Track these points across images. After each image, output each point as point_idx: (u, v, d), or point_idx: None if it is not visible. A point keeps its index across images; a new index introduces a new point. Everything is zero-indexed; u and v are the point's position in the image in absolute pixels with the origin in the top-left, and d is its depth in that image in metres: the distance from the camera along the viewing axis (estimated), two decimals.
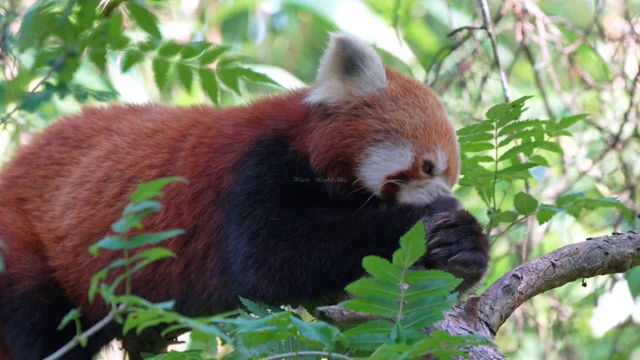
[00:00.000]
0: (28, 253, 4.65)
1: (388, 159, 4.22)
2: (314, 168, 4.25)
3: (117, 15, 3.54)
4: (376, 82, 4.30)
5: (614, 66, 7.13)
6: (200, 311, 4.39)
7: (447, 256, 4.05)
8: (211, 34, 10.23)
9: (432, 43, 10.00)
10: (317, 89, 4.34)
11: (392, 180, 4.20)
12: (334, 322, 3.74)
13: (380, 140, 4.23)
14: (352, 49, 4.28)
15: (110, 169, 4.62)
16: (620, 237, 4.35)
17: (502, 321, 4.11)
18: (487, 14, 5.98)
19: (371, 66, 4.30)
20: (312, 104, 4.32)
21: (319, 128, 4.27)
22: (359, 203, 4.20)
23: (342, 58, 4.30)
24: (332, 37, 4.31)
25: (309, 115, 4.33)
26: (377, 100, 4.29)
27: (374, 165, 4.22)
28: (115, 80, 8.59)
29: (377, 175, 4.21)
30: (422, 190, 4.23)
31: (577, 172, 7.36)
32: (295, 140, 4.31)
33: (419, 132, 4.25)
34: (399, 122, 4.25)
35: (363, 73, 4.29)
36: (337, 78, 4.30)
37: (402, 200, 4.22)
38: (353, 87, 4.29)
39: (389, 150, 4.23)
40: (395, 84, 4.34)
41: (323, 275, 4.09)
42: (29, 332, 4.56)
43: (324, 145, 4.24)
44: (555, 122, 4.65)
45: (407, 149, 4.23)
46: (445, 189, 4.25)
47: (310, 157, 4.26)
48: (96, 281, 3.32)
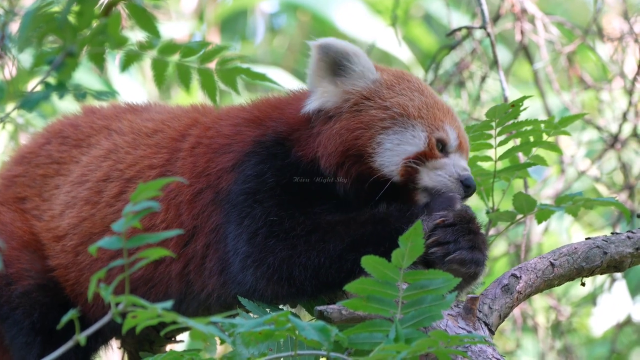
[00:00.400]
0: (27, 252, 4.66)
1: (401, 143, 4.23)
2: (325, 170, 4.26)
3: (116, 14, 3.54)
4: (367, 75, 4.32)
5: (612, 66, 7.13)
6: (199, 311, 4.39)
7: (445, 255, 4.06)
8: (210, 34, 10.23)
9: (431, 43, 10.00)
10: (311, 97, 4.35)
11: (410, 162, 4.20)
12: (332, 322, 3.75)
13: (388, 127, 4.25)
14: (334, 50, 4.30)
15: (110, 168, 4.62)
16: (619, 237, 4.35)
17: (501, 321, 4.11)
18: (486, 14, 5.98)
19: (358, 61, 4.32)
20: (310, 112, 4.33)
21: (325, 131, 4.28)
22: (376, 193, 4.21)
23: (327, 62, 4.32)
24: (312, 45, 4.34)
25: (310, 122, 4.34)
26: (374, 92, 4.31)
27: (388, 152, 4.23)
28: (114, 79, 8.59)
29: (394, 159, 4.22)
30: (441, 172, 4.24)
31: (576, 171, 7.37)
32: (300, 146, 4.31)
33: (424, 113, 4.28)
34: (401, 106, 4.27)
35: (352, 70, 4.31)
36: (328, 82, 4.32)
37: (422, 183, 4.23)
38: (347, 86, 4.30)
39: (400, 134, 4.24)
40: (387, 74, 4.38)
41: (322, 275, 4.09)
42: (27, 332, 4.56)
43: (334, 145, 4.25)
44: (554, 122, 4.65)
45: (418, 130, 4.25)
46: (463, 166, 4.25)
47: (320, 161, 4.26)
48: (95, 281, 3.32)
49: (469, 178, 4.23)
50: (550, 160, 5.01)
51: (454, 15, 7.63)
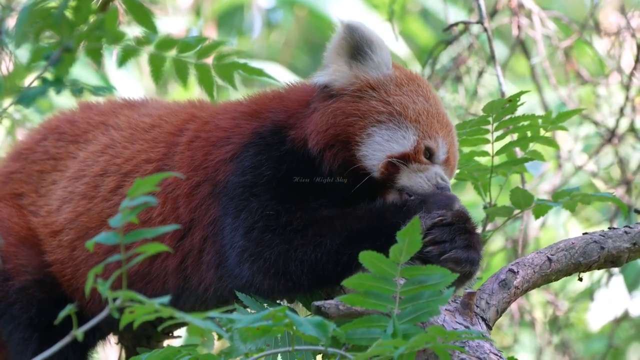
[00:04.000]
0: (24, 248, 4.65)
1: (390, 140, 4.23)
2: (312, 148, 4.25)
3: (113, 10, 3.54)
4: (382, 68, 4.32)
5: (609, 61, 7.13)
6: (197, 306, 4.39)
7: (440, 254, 4.05)
8: (207, 29, 10.22)
9: (428, 38, 10.00)
10: (323, 71, 4.35)
11: (393, 160, 4.20)
12: (330, 317, 3.75)
13: (383, 121, 4.25)
14: (360, 34, 4.30)
15: (107, 163, 4.62)
16: (616, 232, 4.35)
17: (498, 316, 4.11)
18: (483, 9, 5.98)
19: (379, 53, 4.32)
20: (317, 85, 4.33)
21: (320, 109, 4.28)
22: (354, 184, 4.21)
23: (349, 43, 4.31)
24: (341, 22, 4.33)
25: (310, 100, 4.34)
26: (382, 84, 4.31)
27: (375, 145, 4.22)
28: (111, 75, 8.58)
29: (378, 154, 4.22)
30: (422, 175, 4.23)
31: (573, 166, 7.37)
32: (294, 128, 4.31)
33: (422, 118, 4.27)
34: (402, 106, 4.27)
35: (370, 59, 4.31)
36: (343, 62, 4.32)
37: (400, 182, 4.23)
38: (359, 72, 4.30)
39: (392, 131, 4.24)
40: (400, 73, 4.37)
41: (318, 269, 4.09)
42: (25, 327, 4.56)
43: (325, 124, 4.25)
44: (551, 117, 4.65)
45: (410, 132, 4.24)
46: (444, 178, 4.25)
47: (308, 139, 4.26)
48: (92, 276, 3.32)
49: (445, 187, 4.24)
50: (547, 155, 5.02)
51: (451, 10, 7.64)
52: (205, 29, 10.17)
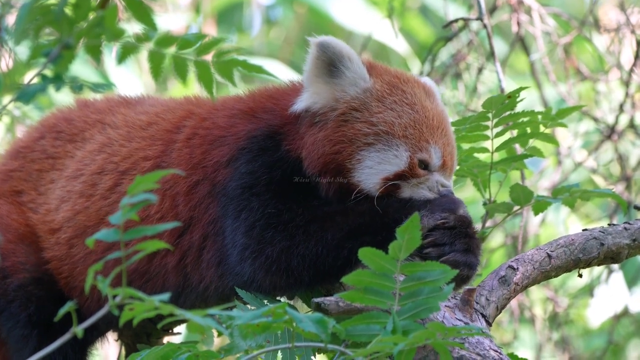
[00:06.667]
0: (23, 245, 4.65)
1: (382, 162, 4.19)
2: (308, 173, 4.24)
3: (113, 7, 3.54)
4: (359, 82, 4.26)
5: (609, 57, 7.13)
6: (197, 303, 4.39)
7: (439, 256, 4.05)
8: (206, 26, 10.22)
9: (427, 34, 9.99)
10: (303, 95, 4.31)
11: (391, 182, 4.19)
12: (330, 314, 3.75)
13: (371, 143, 4.20)
14: (331, 50, 4.24)
15: (105, 161, 4.61)
16: (616, 228, 4.35)
17: (498, 312, 4.12)
18: (482, 5, 5.97)
19: (350, 66, 4.26)
20: (298, 111, 4.30)
21: (309, 136, 4.25)
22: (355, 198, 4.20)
23: (324, 61, 4.26)
24: (311, 41, 4.28)
25: (299, 119, 4.31)
26: (363, 103, 4.24)
27: (367, 170, 4.19)
28: (110, 72, 8.58)
29: (372, 178, 4.19)
30: (423, 186, 4.22)
31: (572, 163, 7.38)
32: (289, 140, 4.29)
33: (409, 132, 4.22)
34: (387, 124, 4.22)
35: (344, 74, 4.26)
36: (321, 82, 4.27)
37: (403, 195, 4.21)
38: (337, 91, 4.25)
39: (382, 153, 4.20)
40: (381, 82, 4.30)
41: (319, 264, 4.09)
42: (24, 325, 4.56)
43: (316, 153, 4.21)
44: (551, 114, 4.65)
45: (401, 149, 4.20)
46: (444, 184, 4.24)
47: (303, 162, 4.25)
48: (92, 273, 3.31)
49: (448, 193, 4.23)
50: (547, 152, 5.02)
51: (451, 7, 7.64)
52: (205, 26, 10.17)
